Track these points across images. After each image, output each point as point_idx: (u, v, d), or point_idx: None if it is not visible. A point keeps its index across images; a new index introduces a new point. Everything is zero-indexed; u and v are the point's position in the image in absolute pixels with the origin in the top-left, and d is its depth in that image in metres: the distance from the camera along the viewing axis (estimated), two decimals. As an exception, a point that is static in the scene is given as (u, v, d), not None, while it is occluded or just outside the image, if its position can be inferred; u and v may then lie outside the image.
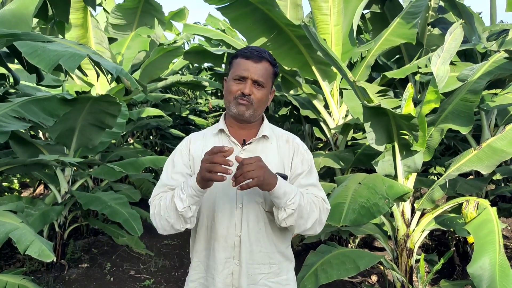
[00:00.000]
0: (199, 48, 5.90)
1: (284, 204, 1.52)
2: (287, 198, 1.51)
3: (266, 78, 1.66)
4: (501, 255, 2.60)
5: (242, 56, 1.66)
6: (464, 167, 3.21)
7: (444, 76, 3.17)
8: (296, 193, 1.54)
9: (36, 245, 2.45)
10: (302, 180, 1.69)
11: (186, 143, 1.76)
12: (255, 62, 1.63)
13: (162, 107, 8.71)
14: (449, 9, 4.95)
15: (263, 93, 1.66)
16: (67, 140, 4.18)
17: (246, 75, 1.62)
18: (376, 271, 4.48)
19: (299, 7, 5.37)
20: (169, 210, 1.55)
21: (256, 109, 1.66)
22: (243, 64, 1.64)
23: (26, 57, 2.29)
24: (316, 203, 1.63)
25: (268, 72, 1.67)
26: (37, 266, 4.35)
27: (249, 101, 1.63)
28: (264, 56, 1.66)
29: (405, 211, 3.39)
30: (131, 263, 4.79)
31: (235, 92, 1.64)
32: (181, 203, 1.51)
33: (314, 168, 1.78)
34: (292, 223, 1.56)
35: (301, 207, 1.55)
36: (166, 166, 1.75)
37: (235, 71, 1.65)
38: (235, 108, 1.64)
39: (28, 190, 7.27)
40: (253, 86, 1.63)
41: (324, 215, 1.66)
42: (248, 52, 1.66)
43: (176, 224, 1.56)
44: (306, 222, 1.59)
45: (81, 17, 5.57)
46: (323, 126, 5.08)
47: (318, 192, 1.70)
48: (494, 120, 4.53)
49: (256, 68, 1.63)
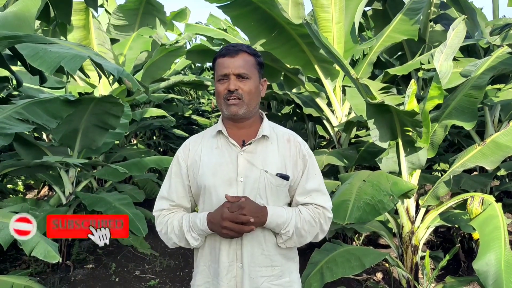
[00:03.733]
0: (201, 47, 5.90)
1: (279, 232, 1.62)
2: (281, 228, 1.61)
3: (249, 69, 1.63)
4: (507, 251, 2.59)
5: (219, 55, 1.66)
6: (469, 163, 3.20)
7: (447, 72, 3.16)
8: (290, 219, 1.62)
9: (42, 246, 2.46)
10: (305, 186, 1.69)
11: (183, 150, 1.76)
12: (232, 57, 1.62)
13: (165, 107, 8.71)
14: (451, 5, 4.93)
15: (251, 84, 1.63)
16: (70, 141, 4.19)
17: (227, 72, 1.61)
18: (381, 268, 4.47)
19: (300, 5, 5.36)
20: (179, 238, 1.68)
21: (249, 104, 1.63)
22: (222, 62, 1.64)
23: (28, 59, 2.29)
24: (316, 219, 1.65)
25: (249, 63, 1.64)
26: (43, 268, 4.37)
27: (238, 97, 1.61)
28: (240, 48, 1.65)
29: (409, 208, 3.38)
30: (136, 264, 4.80)
31: (222, 92, 1.63)
32: (194, 241, 1.65)
33: (317, 169, 1.75)
34: (292, 244, 1.67)
35: (299, 229, 1.62)
36: (166, 177, 1.78)
37: (217, 72, 1.65)
38: (227, 110, 1.63)
39: (33, 192, 7.29)
40: (237, 80, 1.61)
41: (327, 225, 1.69)
42: (224, 50, 1.65)
43: (185, 246, 1.70)
44: (306, 239, 1.67)
45: (83, 19, 5.58)
46: (326, 124, 5.07)
47: (321, 197, 1.69)
48: (498, 115, 4.51)
49: (234, 62, 1.61)
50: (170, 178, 1.75)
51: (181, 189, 1.72)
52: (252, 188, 1.63)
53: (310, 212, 1.65)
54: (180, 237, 1.67)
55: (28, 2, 3.01)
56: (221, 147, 1.68)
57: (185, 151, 1.74)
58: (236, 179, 1.63)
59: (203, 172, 1.66)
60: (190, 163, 1.71)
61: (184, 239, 1.65)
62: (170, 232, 1.67)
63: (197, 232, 1.63)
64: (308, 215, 1.63)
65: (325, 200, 1.70)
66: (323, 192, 1.71)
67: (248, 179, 1.63)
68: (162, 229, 1.70)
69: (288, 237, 1.62)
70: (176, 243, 1.69)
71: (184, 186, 1.72)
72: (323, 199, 1.69)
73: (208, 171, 1.65)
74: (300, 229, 1.61)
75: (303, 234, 1.63)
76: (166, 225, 1.69)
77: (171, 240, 1.69)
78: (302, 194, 1.69)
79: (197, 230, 1.62)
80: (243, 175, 1.63)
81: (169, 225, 1.68)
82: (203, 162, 1.68)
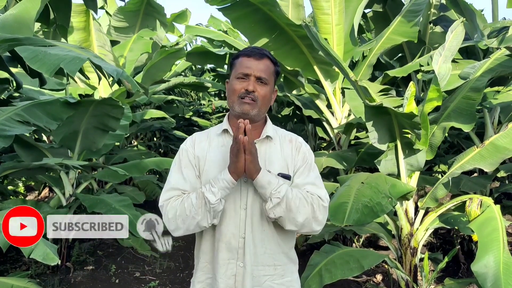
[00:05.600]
0: (201, 49, 5.92)
1: (270, 194, 1.56)
2: (272, 188, 1.56)
3: (269, 75, 1.67)
4: (506, 253, 2.59)
5: (244, 55, 1.68)
6: (467, 165, 3.20)
7: (446, 74, 3.17)
8: (281, 185, 1.58)
9: (41, 248, 2.47)
10: (298, 179, 1.69)
11: (190, 142, 1.76)
12: (257, 60, 1.65)
13: (165, 109, 8.73)
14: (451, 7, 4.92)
15: (267, 90, 1.67)
16: (71, 143, 4.20)
17: (249, 72, 1.63)
18: (381, 270, 4.47)
19: (300, 7, 5.37)
20: (196, 207, 1.57)
21: (261, 107, 1.67)
22: (245, 62, 1.65)
23: (27, 62, 2.30)
24: (308, 199, 1.62)
25: (270, 70, 1.68)
26: (43, 269, 4.37)
27: (253, 99, 1.63)
28: (265, 53, 1.68)
29: (408, 210, 3.39)
30: (136, 265, 4.81)
31: (239, 90, 1.64)
32: (213, 196, 1.55)
33: (314, 166, 1.77)
34: (281, 214, 1.58)
35: (289, 199, 1.57)
36: (173, 169, 1.73)
37: (238, 70, 1.66)
38: (239, 108, 1.64)
39: (33, 194, 7.30)
40: (256, 83, 1.64)
41: (320, 213, 1.63)
42: (250, 51, 1.68)
43: (203, 221, 1.58)
44: (296, 216, 1.59)
45: (83, 21, 5.60)
46: (326, 125, 5.08)
47: (316, 189, 1.68)
48: (497, 117, 4.52)
49: (258, 65, 1.64)
50: (181, 169, 1.70)
51: (194, 179, 1.68)
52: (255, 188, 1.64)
53: (303, 193, 1.63)
54: (197, 208, 1.57)
55: (28, 4, 3.02)
56: (226, 146, 1.69)
57: (192, 143, 1.75)
58: (241, 178, 1.64)
59: (209, 168, 1.68)
60: (196, 156, 1.71)
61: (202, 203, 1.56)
62: (187, 207, 1.58)
63: (218, 186, 1.56)
64: (300, 194, 1.61)
65: (319, 191, 1.68)
66: (318, 186, 1.71)
67: None
68: (176, 212, 1.60)
69: (278, 200, 1.55)
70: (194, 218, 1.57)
71: (195, 176, 1.69)
72: (317, 190, 1.68)
73: (213, 167, 1.67)
74: (290, 201, 1.56)
75: (292, 208, 1.57)
76: (183, 204, 1.60)
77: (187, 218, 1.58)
78: (296, 187, 1.67)
79: (218, 181, 1.57)
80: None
81: (186, 201, 1.60)
82: (209, 158, 1.69)
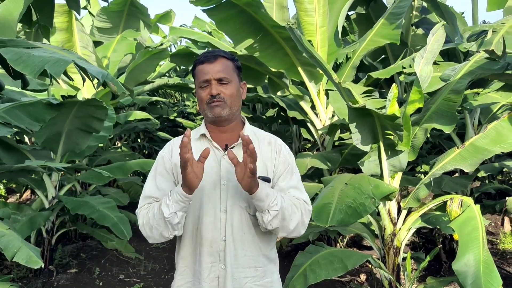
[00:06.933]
0: (185, 51, 5.88)
1: (268, 207, 1.54)
2: (270, 200, 1.54)
3: (229, 73, 1.67)
4: (485, 252, 2.65)
5: (198, 63, 1.69)
6: (448, 165, 3.26)
7: (427, 76, 3.22)
8: (277, 195, 1.58)
9: (24, 251, 2.44)
10: (282, 183, 1.71)
11: (168, 149, 1.77)
12: (211, 63, 1.65)
13: (149, 110, 8.67)
14: (432, 10, 5.01)
15: (232, 87, 1.67)
16: (53, 145, 4.15)
17: (207, 78, 1.64)
18: (365, 269, 4.52)
19: (285, 9, 5.42)
20: (157, 218, 1.57)
21: (232, 106, 1.67)
22: (202, 69, 1.66)
23: (11, 63, 2.28)
24: (297, 205, 1.65)
25: (228, 67, 1.68)
26: (25, 273, 4.32)
27: (221, 100, 1.64)
28: (218, 54, 1.69)
29: (391, 210, 3.43)
30: (121, 267, 4.77)
31: (205, 97, 1.65)
32: (167, 209, 1.54)
33: (296, 170, 1.78)
34: (277, 225, 1.58)
35: (283, 209, 1.57)
36: (149, 177, 1.75)
37: (198, 79, 1.67)
38: (211, 112, 1.65)
39: (15, 196, 7.19)
40: (218, 85, 1.64)
41: (307, 217, 1.68)
42: (203, 57, 1.69)
43: (164, 232, 1.59)
44: (289, 224, 1.61)
45: (65, 21, 5.54)
46: (310, 127, 5.11)
47: (300, 194, 1.71)
48: (477, 118, 4.60)
49: (214, 68, 1.65)
50: (155, 177, 1.73)
51: (168, 187, 1.68)
52: (235, 192, 1.65)
53: (292, 200, 1.65)
54: (157, 219, 1.57)
55: (10, 5, 2.99)
56: None
57: (169, 151, 1.76)
58: (220, 182, 1.66)
59: None
60: (174, 163, 1.72)
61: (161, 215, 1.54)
62: (151, 217, 1.59)
63: (172, 199, 1.53)
64: (290, 201, 1.63)
65: (303, 195, 1.71)
66: (301, 190, 1.73)
67: (230, 182, 1.65)
68: (144, 220, 1.62)
69: (276, 212, 1.55)
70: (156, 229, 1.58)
71: (170, 183, 1.70)
72: (301, 195, 1.71)
73: None
74: (284, 210, 1.57)
75: (286, 217, 1.58)
76: (148, 214, 1.62)
77: (152, 227, 1.59)
78: (281, 191, 1.68)
79: (173, 194, 1.54)
80: (226, 179, 1.66)
81: (150, 211, 1.61)
82: None
